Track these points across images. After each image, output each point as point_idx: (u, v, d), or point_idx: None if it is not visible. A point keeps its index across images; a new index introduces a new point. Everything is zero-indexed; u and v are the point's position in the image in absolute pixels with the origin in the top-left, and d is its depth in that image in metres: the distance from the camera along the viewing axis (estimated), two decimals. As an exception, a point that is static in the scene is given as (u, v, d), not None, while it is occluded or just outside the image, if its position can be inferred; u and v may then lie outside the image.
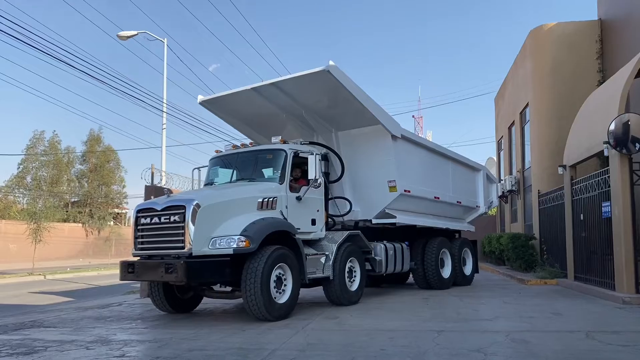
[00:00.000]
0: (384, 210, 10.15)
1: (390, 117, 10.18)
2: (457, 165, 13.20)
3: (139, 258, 7.99)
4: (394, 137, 10.01)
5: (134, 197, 54.25)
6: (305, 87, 9.22)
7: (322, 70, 8.51)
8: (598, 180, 10.46)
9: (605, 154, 9.75)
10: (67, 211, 43.32)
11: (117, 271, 8.30)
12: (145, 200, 10.50)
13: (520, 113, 19.25)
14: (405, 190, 10.19)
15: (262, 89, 9.51)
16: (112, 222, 46.74)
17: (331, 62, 8.52)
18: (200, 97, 10.45)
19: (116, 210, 49.57)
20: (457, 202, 12.90)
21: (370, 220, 10.31)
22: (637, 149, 9.26)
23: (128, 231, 41.15)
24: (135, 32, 19.94)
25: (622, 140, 9.29)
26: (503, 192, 20.44)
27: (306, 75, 8.77)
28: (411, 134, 11.25)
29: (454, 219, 13.20)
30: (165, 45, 21.08)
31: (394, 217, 10.32)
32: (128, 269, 7.79)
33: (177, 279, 7.18)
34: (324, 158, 10.18)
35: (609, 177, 9.85)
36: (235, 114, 10.77)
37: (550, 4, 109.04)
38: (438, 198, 11.86)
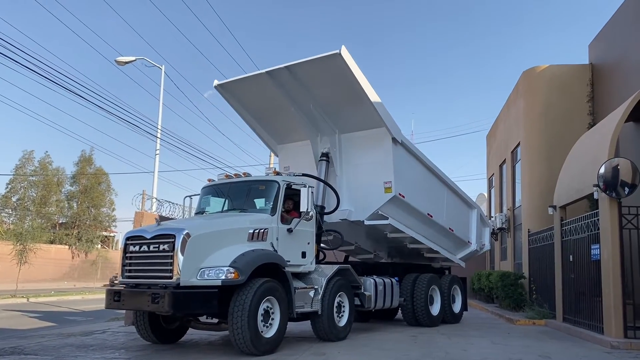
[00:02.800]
0: (378, 211, 10.16)
1: (394, 121, 10.35)
2: (453, 195, 13.20)
3: (125, 286, 7.89)
4: (394, 140, 10.17)
5: (123, 221, 53.89)
6: (317, 72, 9.48)
7: (334, 53, 8.86)
8: (587, 222, 10.53)
9: (595, 196, 9.83)
10: (54, 232, 42.79)
11: (102, 295, 8.18)
12: (134, 227, 10.44)
13: (512, 152, 19.44)
14: (400, 194, 10.22)
15: (275, 72, 9.70)
16: (99, 245, 46.16)
17: (343, 47, 8.81)
18: (216, 82, 10.59)
19: (104, 233, 49.02)
20: (450, 228, 12.78)
21: (363, 221, 10.29)
22: (626, 193, 9.36)
23: (115, 255, 40.66)
24: (133, 58, 20.12)
25: (611, 184, 9.39)
26: (493, 230, 20.47)
27: (319, 58, 9.11)
28: (412, 145, 11.32)
29: (444, 250, 13.12)
30: (163, 72, 21.25)
31: (387, 218, 10.29)
32: (114, 297, 7.67)
33: (163, 309, 7.07)
34: (325, 157, 10.31)
35: (598, 219, 9.92)
36: (246, 104, 10.89)
37: (543, 46, 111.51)
38: (431, 216, 11.80)
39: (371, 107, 9.64)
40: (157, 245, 7.46)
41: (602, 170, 9.48)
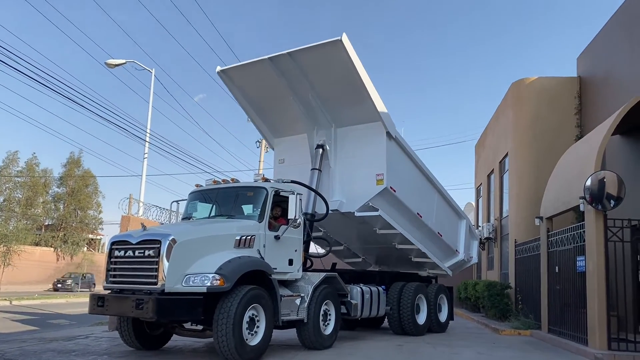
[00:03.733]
0: (368, 203, 10.24)
1: (389, 116, 10.49)
2: (443, 200, 13.20)
3: (109, 291, 7.80)
4: (389, 134, 10.35)
5: (109, 224, 53.53)
6: (318, 59, 9.66)
7: (335, 39, 9.05)
8: (573, 234, 10.60)
9: (581, 209, 9.90)
10: (39, 234, 42.33)
11: (86, 299, 8.09)
12: (121, 231, 10.35)
13: (500, 162, 19.56)
14: (391, 187, 10.32)
15: (277, 59, 9.86)
16: (85, 248, 45.74)
17: (344, 34, 8.98)
18: (219, 68, 10.73)
19: (90, 235, 48.61)
20: (438, 233, 12.77)
21: (354, 212, 10.33)
22: (611, 205, 9.44)
23: (101, 258, 40.25)
24: (123, 61, 20.02)
25: (597, 196, 9.46)
26: (480, 239, 20.56)
27: (320, 44, 9.32)
28: (406, 143, 11.43)
29: (432, 254, 13.03)
30: (153, 76, 21.17)
31: (377, 209, 10.35)
32: (97, 303, 7.57)
33: (147, 316, 6.99)
34: (320, 147, 10.38)
35: (584, 231, 9.99)
36: (247, 93, 11.02)
37: (532, 58, 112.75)
38: (421, 216, 11.81)
39: (368, 97, 9.78)
40: (142, 251, 7.38)
41: (588, 182, 9.56)
